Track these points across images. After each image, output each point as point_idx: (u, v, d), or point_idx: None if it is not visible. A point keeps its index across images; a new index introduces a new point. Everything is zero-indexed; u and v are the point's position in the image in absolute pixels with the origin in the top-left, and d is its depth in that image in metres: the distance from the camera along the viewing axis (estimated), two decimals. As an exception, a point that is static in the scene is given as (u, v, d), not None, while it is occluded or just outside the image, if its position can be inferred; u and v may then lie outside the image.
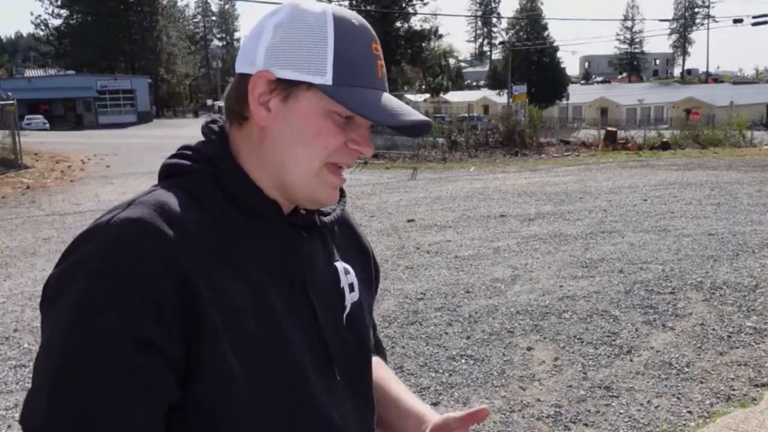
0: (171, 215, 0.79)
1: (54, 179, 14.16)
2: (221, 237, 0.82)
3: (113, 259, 0.75)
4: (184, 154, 0.89)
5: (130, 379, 0.73)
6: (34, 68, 73.99)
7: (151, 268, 0.74)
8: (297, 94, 0.83)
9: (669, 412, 3.54)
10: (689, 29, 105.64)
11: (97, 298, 0.73)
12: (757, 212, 8.65)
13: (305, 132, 0.83)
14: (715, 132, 24.11)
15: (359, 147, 0.86)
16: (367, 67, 0.85)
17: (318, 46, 0.82)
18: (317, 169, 0.85)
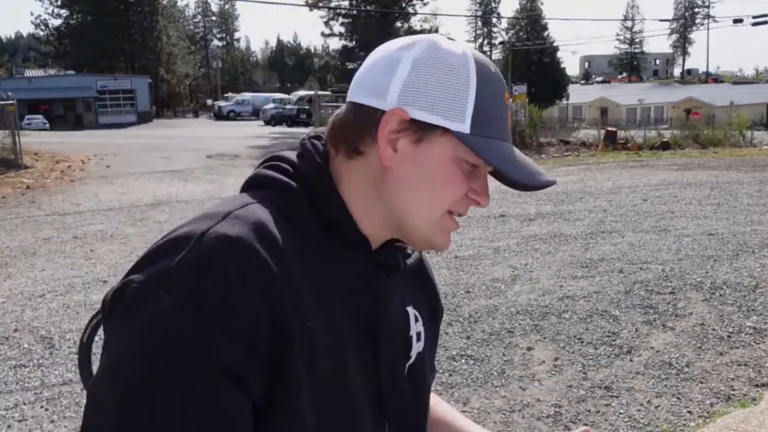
0: (270, 239, 0.73)
1: (54, 179, 14.16)
2: (310, 267, 0.77)
3: (208, 281, 0.68)
4: (280, 166, 0.84)
5: (210, 418, 0.67)
6: (34, 68, 74.01)
7: (249, 299, 0.69)
8: (431, 138, 0.79)
9: (669, 412, 3.54)
10: (689, 29, 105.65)
11: (184, 322, 0.67)
12: (757, 212, 8.65)
13: (435, 178, 0.80)
14: (715, 132, 24.11)
15: (478, 197, 0.84)
16: (502, 119, 0.82)
17: (459, 91, 0.79)
18: (440, 217, 0.82)
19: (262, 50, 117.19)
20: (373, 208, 0.83)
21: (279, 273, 0.72)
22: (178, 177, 14.42)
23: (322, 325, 0.76)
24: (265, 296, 0.70)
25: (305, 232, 0.79)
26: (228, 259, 0.70)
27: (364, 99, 0.81)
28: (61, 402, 3.87)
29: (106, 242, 7.98)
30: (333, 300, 0.79)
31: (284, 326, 0.71)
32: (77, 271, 6.66)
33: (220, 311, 0.68)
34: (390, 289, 0.87)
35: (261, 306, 0.69)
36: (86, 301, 5.62)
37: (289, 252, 0.75)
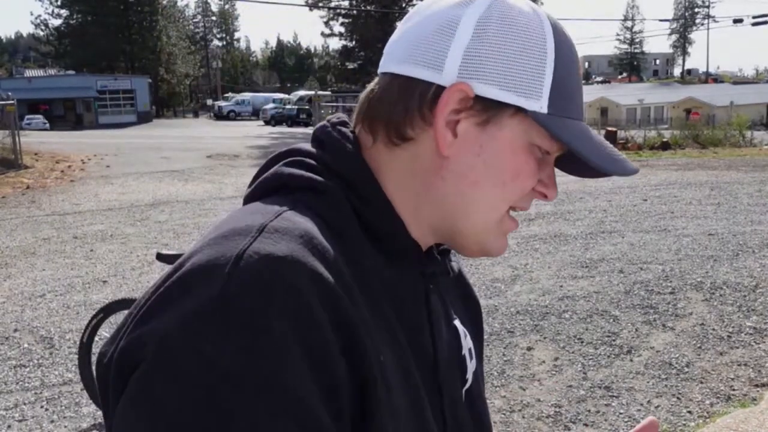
0: (326, 256, 0.57)
1: (54, 179, 14.16)
2: (367, 288, 0.62)
3: (263, 319, 0.51)
4: (306, 163, 0.67)
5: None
6: (34, 68, 74.07)
7: (324, 341, 0.53)
8: (500, 120, 0.64)
9: (669, 412, 3.54)
10: (689, 29, 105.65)
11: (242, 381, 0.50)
12: (757, 212, 8.65)
13: (505, 170, 0.65)
14: (715, 132, 24.09)
15: (545, 189, 0.69)
16: (579, 94, 0.68)
17: (536, 61, 0.64)
18: (502, 216, 0.68)
19: (262, 50, 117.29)
20: (422, 208, 0.67)
21: (347, 299, 0.56)
22: (178, 177, 14.42)
23: (390, 358, 0.62)
24: (341, 336, 0.54)
25: (353, 243, 0.63)
26: (284, 290, 0.52)
27: (413, 70, 0.64)
28: (61, 402, 3.87)
29: (106, 242, 7.98)
30: (394, 324, 0.64)
31: (364, 368, 0.56)
32: (77, 271, 6.66)
33: (287, 364, 0.51)
34: (437, 303, 0.73)
35: (337, 348, 0.54)
36: (86, 301, 5.62)
37: (347, 271, 0.59)
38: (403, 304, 0.67)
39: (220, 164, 16.96)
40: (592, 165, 0.65)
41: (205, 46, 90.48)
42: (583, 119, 0.69)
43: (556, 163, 0.70)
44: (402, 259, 0.67)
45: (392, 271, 0.66)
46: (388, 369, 0.60)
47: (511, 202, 0.67)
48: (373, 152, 0.68)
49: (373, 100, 0.67)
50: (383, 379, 0.59)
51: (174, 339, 0.51)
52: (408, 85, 0.65)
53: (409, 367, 0.65)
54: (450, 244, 0.72)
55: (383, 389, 0.58)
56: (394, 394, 0.61)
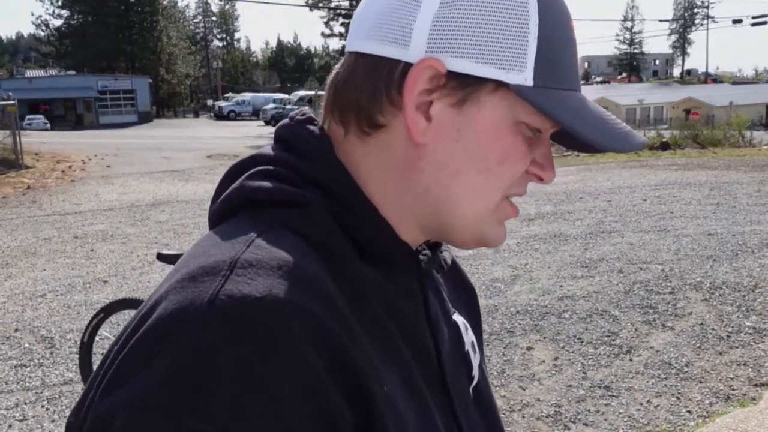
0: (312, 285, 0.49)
1: (55, 179, 14.16)
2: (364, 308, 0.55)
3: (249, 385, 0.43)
4: (276, 172, 0.57)
5: None
6: (35, 68, 74.06)
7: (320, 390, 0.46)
8: (479, 98, 0.56)
9: (668, 411, 3.55)
10: (689, 29, 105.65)
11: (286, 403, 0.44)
12: (756, 212, 8.65)
13: (489, 154, 0.57)
14: (714, 132, 24.09)
15: (541, 171, 0.60)
16: (572, 60, 0.59)
17: (517, 27, 0.55)
18: (495, 205, 0.59)
19: (262, 50, 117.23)
20: (405, 206, 0.59)
21: (343, 333, 0.49)
22: (179, 177, 14.42)
23: (394, 380, 0.55)
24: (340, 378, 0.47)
25: (342, 261, 0.55)
26: (267, 339, 0.44)
27: (378, 47, 0.56)
28: (61, 401, 3.87)
29: (107, 242, 7.99)
30: (396, 339, 0.57)
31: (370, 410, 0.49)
32: (78, 270, 6.67)
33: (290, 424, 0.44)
34: (434, 300, 0.66)
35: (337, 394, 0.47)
36: (87, 301, 5.63)
37: (339, 299, 0.51)
38: (402, 315, 0.59)
39: (220, 164, 16.96)
40: (588, 142, 0.57)
41: (205, 46, 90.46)
42: (578, 89, 0.60)
43: (554, 137, 0.62)
44: (395, 267, 0.60)
45: (386, 282, 0.58)
46: (394, 397, 0.53)
47: (503, 190, 0.59)
48: (346, 146, 0.59)
49: (339, 84, 0.59)
50: (390, 410, 0.52)
51: (147, 412, 0.42)
52: (374, 64, 0.56)
53: (415, 383, 0.58)
54: (444, 240, 0.64)
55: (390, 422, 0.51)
56: (404, 419, 0.54)
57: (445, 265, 0.69)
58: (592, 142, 0.57)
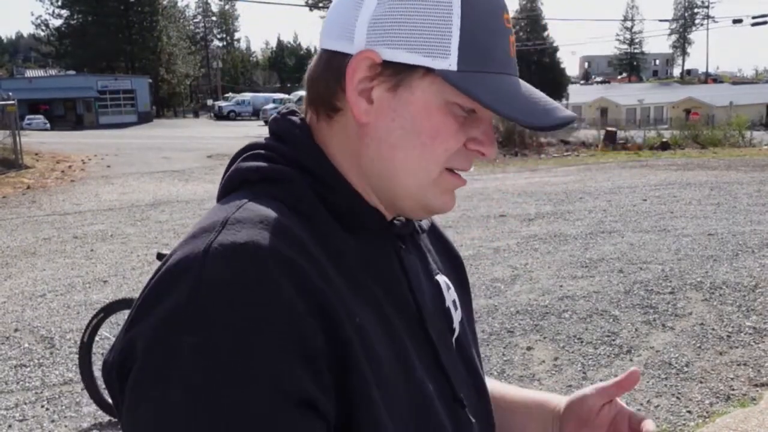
0: (287, 234, 0.60)
1: (54, 179, 14.16)
2: (339, 259, 0.65)
3: (232, 304, 0.55)
4: (263, 155, 0.69)
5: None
6: (35, 68, 74.06)
7: (285, 306, 0.56)
8: (410, 83, 0.64)
9: (669, 411, 3.55)
10: (689, 29, 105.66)
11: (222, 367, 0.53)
12: (756, 212, 8.65)
13: (421, 131, 0.65)
14: (714, 132, 24.11)
15: (481, 147, 0.68)
16: (499, 46, 0.66)
17: (440, 19, 0.63)
18: (435, 176, 0.68)
19: (263, 50, 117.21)
20: (363, 175, 0.69)
21: (311, 269, 0.59)
22: (179, 177, 14.43)
23: (370, 319, 0.64)
24: (307, 302, 0.57)
25: (318, 221, 0.65)
26: (248, 272, 0.56)
27: (332, 43, 0.67)
28: (61, 401, 3.87)
29: (107, 242, 7.99)
30: (372, 288, 0.67)
31: (338, 329, 0.59)
32: (78, 270, 6.67)
33: (261, 341, 0.54)
34: (413, 261, 0.75)
35: (306, 314, 0.56)
36: (87, 301, 5.63)
37: (314, 247, 0.62)
38: (378, 270, 0.69)
39: (220, 164, 16.97)
40: (507, 118, 0.64)
41: (205, 46, 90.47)
42: (509, 72, 0.67)
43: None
44: (367, 229, 0.70)
45: (361, 242, 0.68)
46: (367, 330, 0.63)
47: (442, 162, 0.67)
48: (319, 130, 0.70)
49: (310, 77, 0.70)
50: (361, 339, 0.61)
51: (156, 340, 0.55)
52: (329, 58, 0.67)
53: (392, 324, 0.67)
54: (397, 210, 0.72)
55: (362, 349, 0.61)
56: (377, 352, 0.63)
57: (420, 229, 0.79)
58: (511, 118, 0.64)
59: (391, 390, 0.63)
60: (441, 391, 0.71)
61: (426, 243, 0.83)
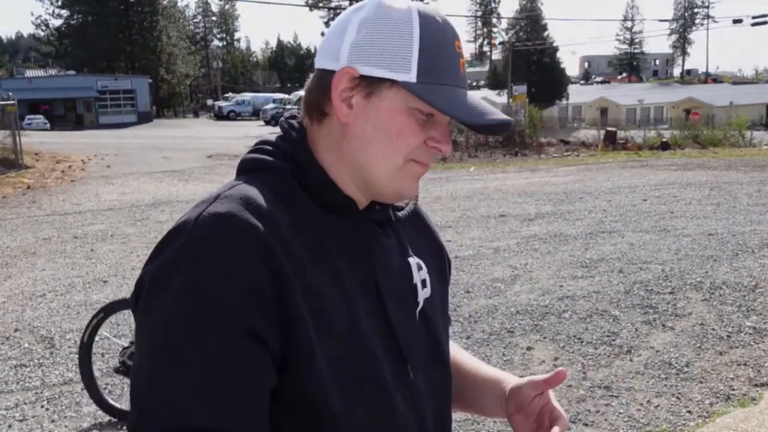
0: (259, 209, 0.80)
1: (54, 179, 14.16)
2: (307, 231, 0.83)
3: (209, 256, 0.76)
4: (264, 149, 0.91)
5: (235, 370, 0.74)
6: (35, 68, 74.03)
7: (249, 265, 0.76)
8: (380, 92, 0.83)
9: (669, 411, 3.55)
10: (689, 29, 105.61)
11: (196, 295, 0.75)
12: (756, 212, 8.65)
13: (388, 129, 0.84)
14: (714, 132, 24.12)
15: (439, 144, 0.86)
16: (450, 65, 0.85)
17: (403, 44, 0.83)
18: (400, 166, 0.86)
19: (263, 50, 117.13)
20: (344, 168, 0.88)
21: (272, 237, 0.78)
22: (179, 177, 14.43)
23: (325, 281, 0.82)
24: (263, 259, 0.77)
25: (296, 203, 0.85)
26: (222, 234, 0.77)
27: (324, 63, 0.87)
28: (61, 402, 3.87)
29: (107, 242, 7.99)
30: (336, 259, 0.85)
31: (285, 284, 0.77)
32: (78, 270, 6.67)
33: (224, 281, 0.75)
34: (387, 242, 0.92)
35: (261, 268, 0.76)
36: (87, 301, 5.62)
37: (282, 220, 0.81)
38: (351, 245, 0.87)
39: (220, 164, 16.97)
40: (453, 117, 0.83)
41: (205, 46, 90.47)
42: (459, 86, 0.86)
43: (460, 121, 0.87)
44: (345, 212, 0.88)
45: (335, 220, 0.87)
46: (319, 289, 0.81)
47: (404, 155, 0.85)
48: (312, 132, 0.90)
49: (306, 90, 0.90)
50: (309, 295, 0.79)
51: (157, 276, 0.78)
52: (321, 75, 0.87)
53: (348, 290, 0.84)
54: (373, 196, 0.90)
55: (307, 303, 0.79)
56: (326, 309, 0.81)
57: (395, 217, 0.95)
58: (456, 117, 0.83)
59: (333, 338, 0.81)
60: (387, 348, 0.87)
61: (408, 229, 1.00)
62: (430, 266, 1.00)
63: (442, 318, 1.02)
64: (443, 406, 0.98)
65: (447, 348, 1.01)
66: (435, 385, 0.96)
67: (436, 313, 0.99)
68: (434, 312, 0.98)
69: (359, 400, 0.82)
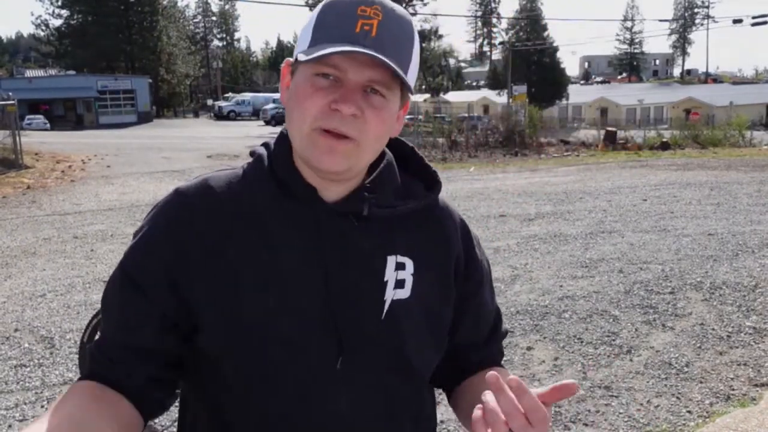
0: (206, 188, 0.96)
1: (54, 179, 14.16)
2: (256, 209, 0.94)
3: (152, 217, 0.97)
4: (265, 143, 1.03)
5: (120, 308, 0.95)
6: (35, 68, 73.99)
7: (159, 229, 0.95)
8: (297, 70, 0.92)
9: (669, 411, 3.55)
10: (689, 29, 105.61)
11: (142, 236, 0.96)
12: (756, 212, 8.65)
13: (296, 96, 0.91)
14: (714, 132, 24.11)
15: (337, 105, 0.87)
16: (339, 27, 0.87)
17: (307, 26, 0.92)
18: (306, 134, 0.90)
19: (263, 50, 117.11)
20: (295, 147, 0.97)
21: (203, 208, 0.94)
22: (179, 177, 14.42)
23: (257, 258, 0.92)
24: (174, 227, 0.94)
25: (255, 183, 0.96)
26: (165, 203, 0.97)
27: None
28: (61, 401, 3.87)
29: (107, 242, 7.99)
30: (285, 239, 0.93)
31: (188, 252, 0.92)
32: (78, 270, 6.67)
33: (157, 232, 0.95)
34: (355, 234, 0.95)
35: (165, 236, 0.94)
36: (87, 301, 5.62)
37: (230, 199, 0.95)
38: (306, 229, 0.93)
39: (220, 164, 16.96)
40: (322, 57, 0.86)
41: (205, 46, 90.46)
42: (348, 42, 0.86)
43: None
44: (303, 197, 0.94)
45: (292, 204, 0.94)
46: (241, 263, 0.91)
47: (311, 118, 0.89)
48: None
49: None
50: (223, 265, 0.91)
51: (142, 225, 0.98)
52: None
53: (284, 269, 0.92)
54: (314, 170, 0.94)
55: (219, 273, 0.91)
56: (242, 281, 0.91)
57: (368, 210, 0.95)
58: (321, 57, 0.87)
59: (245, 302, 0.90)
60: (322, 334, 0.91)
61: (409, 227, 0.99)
62: (425, 271, 0.97)
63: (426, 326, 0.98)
64: (397, 412, 0.96)
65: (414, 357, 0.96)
66: (386, 387, 0.95)
67: (412, 318, 0.96)
68: (408, 316, 0.95)
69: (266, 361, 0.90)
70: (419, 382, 1.00)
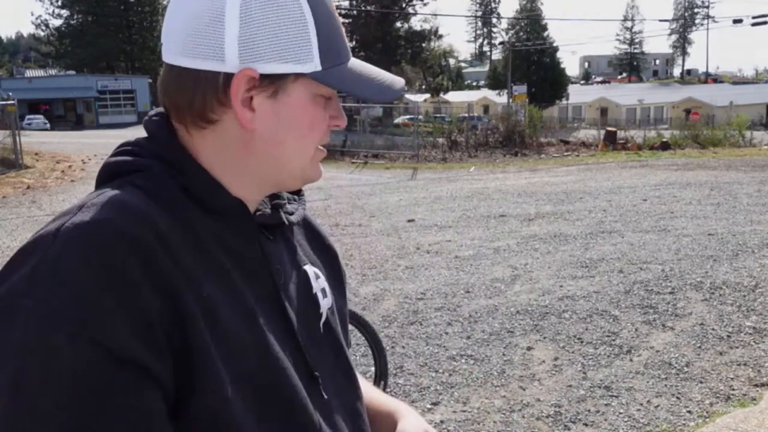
0: (137, 213, 0.67)
1: (54, 179, 14.16)
2: (193, 239, 0.72)
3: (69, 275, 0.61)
4: (130, 151, 0.77)
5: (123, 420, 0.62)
6: (35, 68, 74.00)
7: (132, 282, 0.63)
8: (286, 87, 0.74)
9: (669, 411, 3.55)
10: (689, 29, 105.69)
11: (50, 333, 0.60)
12: (756, 212, 8.65)
13: (301, 125, 0.76)
14: (714, 132, 24.09)
15: (337, 121, 0.81)
16: (341, 38, 0.78)
17: (299, 30, 0.73)
18: (312, 155, 0.80)
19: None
20: (245, 171, 0.77)
21: (159, 247, 0.66)
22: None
23: (223, 298, 0.71)
24: (152, 277, 0.64)
25: (176, 207, 0.72)
26: (90, 248, 0.63)
27: (199, 63, 0.73)
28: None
29: (107, 242, 7.98)
30: (230, 270, 0.74)
31: (181, 305, 0.66)
32: (78, 271, 6.67)
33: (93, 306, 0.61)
34: (279, 250, 0.83)
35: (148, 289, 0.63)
36: (87, 301, 5.63)
37: (166, 227, 0.68)
38: (237, 252, 0.76)
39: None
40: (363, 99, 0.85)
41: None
42: (349, 57, 0.79)
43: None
44: (232, 215, 0.77)
45: (223, 225, 0.76)
46: (217, 306, 0.70)
47: (317, 144, 0.79)
48: (186, 136, 0.77)
49: (170, 91, 0.76)
50: (208, 313, 0.68)
51: (9, 296, 0.63)
52: (198, 76, 0.73)
53: (246, 303, 0.74)
54: (280, 189, 0.84)
55: (207, 321, 0.67)
56: (227, 327, 0.70)
57: (288, 222, 0.85)
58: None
59: (241, 363, 0.70)
60: (297, 367, 0.77)
61: (297, 236, 0.91)
62: (325, 274, 0.92)
63: (344, 330, 0.93)
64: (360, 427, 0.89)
65: (351, 362, 0.92)
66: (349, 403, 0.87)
67: (338, 325, 0.92)
68: (337, 324, 0.91)
69: (271, 416, 0.73)
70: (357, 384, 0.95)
